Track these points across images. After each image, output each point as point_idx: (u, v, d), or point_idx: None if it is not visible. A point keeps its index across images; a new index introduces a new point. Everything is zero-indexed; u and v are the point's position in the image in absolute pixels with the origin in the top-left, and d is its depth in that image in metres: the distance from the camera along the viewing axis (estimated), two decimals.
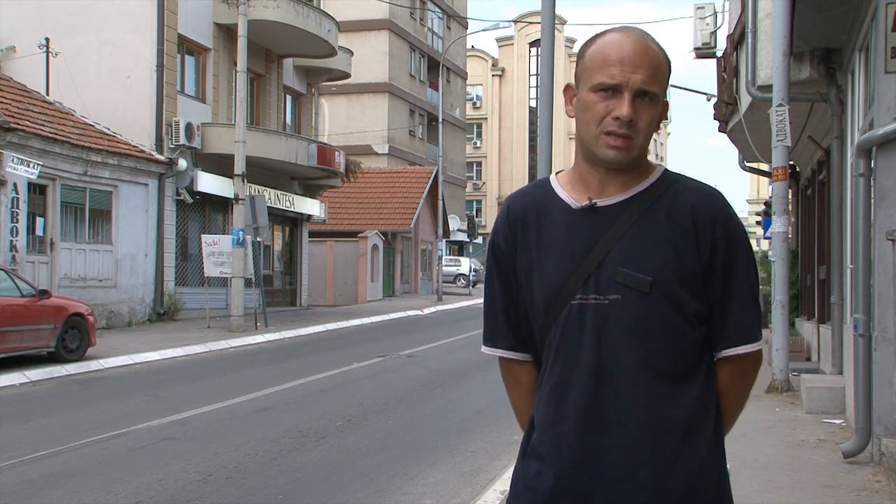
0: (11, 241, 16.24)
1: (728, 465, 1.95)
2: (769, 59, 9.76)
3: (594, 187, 1.92)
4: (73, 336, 13.28)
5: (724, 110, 12.99)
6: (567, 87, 1.95)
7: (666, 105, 1.92)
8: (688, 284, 1.86)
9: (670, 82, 1.95)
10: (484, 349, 2.09)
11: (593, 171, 1.91)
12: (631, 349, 1.84)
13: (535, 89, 66.29)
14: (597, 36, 1.91)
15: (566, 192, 1.95)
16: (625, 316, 1.84)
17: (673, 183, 1.93)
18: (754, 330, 1.93)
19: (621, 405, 1.84)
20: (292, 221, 28.27)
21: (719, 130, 14.11)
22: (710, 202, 1.90)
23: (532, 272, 1.93)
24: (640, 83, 1.82)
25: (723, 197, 1.94)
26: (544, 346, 1.94)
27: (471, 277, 44.96)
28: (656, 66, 1.86)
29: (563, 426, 1.87)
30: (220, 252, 19.27)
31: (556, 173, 2.03)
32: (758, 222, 30.74)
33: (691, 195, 1.90)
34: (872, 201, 6.79)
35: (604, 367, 1.85)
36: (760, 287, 3.62)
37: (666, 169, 1.97)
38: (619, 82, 1.82)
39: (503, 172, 70.84)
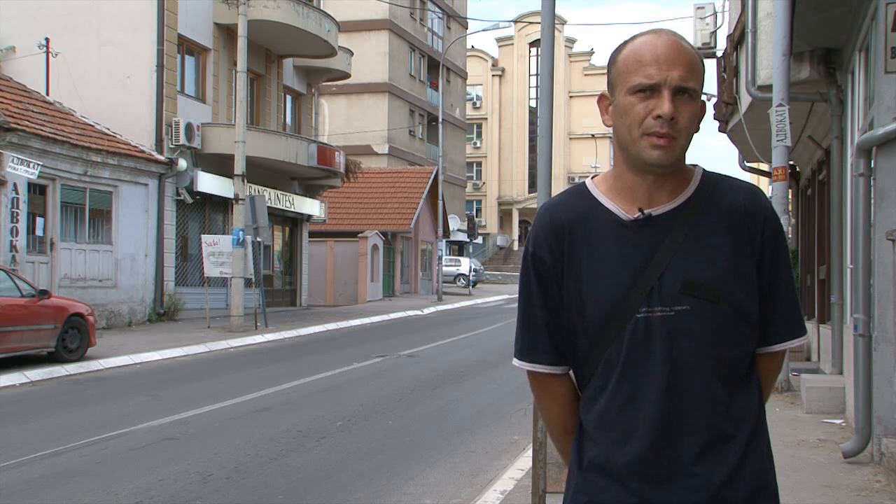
0: (11, 242, 16.24)
1: None
2: (769, 59, 9.76)
3: (642, 197, 1.88)
4: (73, 336, 13.28)
5: (724, 110, 12.99)
6: (601, 97, 1.93)
7: (703, 105, 1.89)
8: (747, 287, 1.87)
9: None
10: (517, 363, 2.02)
11: (641, 179, 1.87)
12: (702, 359, 1.83)
13: (535, 89, 66.32)
14: (626, 41, 1.89)
15: (612, 201, 1.90)
16: (694, 327, 1.82)
17: (716, 184, 1.92)
18: (801, 323, 1.97)
19: (693, 415, 1.83)
20: (292, 221, 28.27)
21: (719, 130, 14.11)
22: (757, 200, 1.91)
23: (584, 287, 1.88)
24: (679, 80, 1.80)
25: (764, 194, 1.96)
26: (598, 361, 1.88)
27: (471, 277, 44.97)
28: (692, 62, 1.84)
29: (637, 444, 1.84)
30: (220, 252, 19.27)
31: (593, 178, 1.98)
32: None
33: (739, 195, 1.90)
34: (872, 201, 6.79)
35: (676, 380, 1.83)
36: None
37: (704, 170, 1.95)
38: (656, 81, 1.80)
39: (503, 172, 70.86)
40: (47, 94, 20.35)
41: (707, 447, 1.83)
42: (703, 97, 1.89)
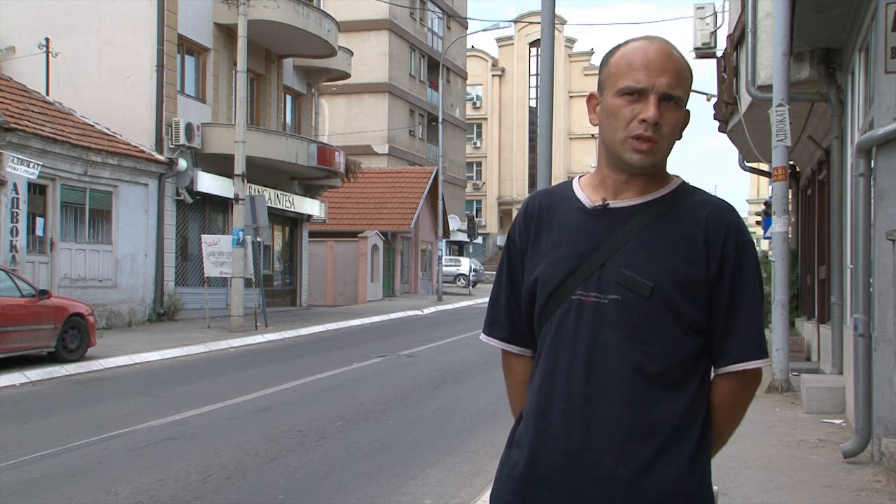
0: (11, 242, 16.24)
1: (727, 466, 1.96)
2: (769, 59, 9.76)
3: (611, 190, 1.96)
4: (73, 336, 13.28)
5: (724, 110, 12.99)
6: (590, 97, 2.00)
7: (687, 114, 1.95)
8: (691, 294, 1.88)
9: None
10: (482, 337, 2.15)
11: (614, 175, 1.95)
12: (623, 350, 1.87)
13: (535, 89, 66.32)
14: (620, 45, 1.96)
15: (584, 192, 2.00)
16: (622, 317, 1.87)
17: (689, 195, 1.96)
18: (761, 346, 1.94)
19: (607, 404, 1.86)
20: (292, 221, 28.27)
21: (719, 130, 14.12)
22: (723, 215, 1.93)
23: (539, 266, 1.98)
24: (665, 87, 1.87)
25: (736, 212, 1.96)
26: (539, 338, 1.98)
27: (471, 277, 44.96)
28: (680, 71, 1.90)
29: (550, 417, 1.90)
30: (220, 252, 19.27)
31: (581, 176, 2.08)
32: (758, 222, 30.73)
33: (706, 207, 1.93)
34: (872, 201, 6.79)
35: (595, 364, 1.88)
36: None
37: (684, 181, 1.99)
38: (644, 86, 1.86)
39: (503, 172, 70.85)
40: (47, 94, 20.35)
41: (621, 439, 1.85)
42: (704, 97, 1.91)
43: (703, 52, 14.99)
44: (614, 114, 1.89)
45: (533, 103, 67.51)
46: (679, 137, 1.94)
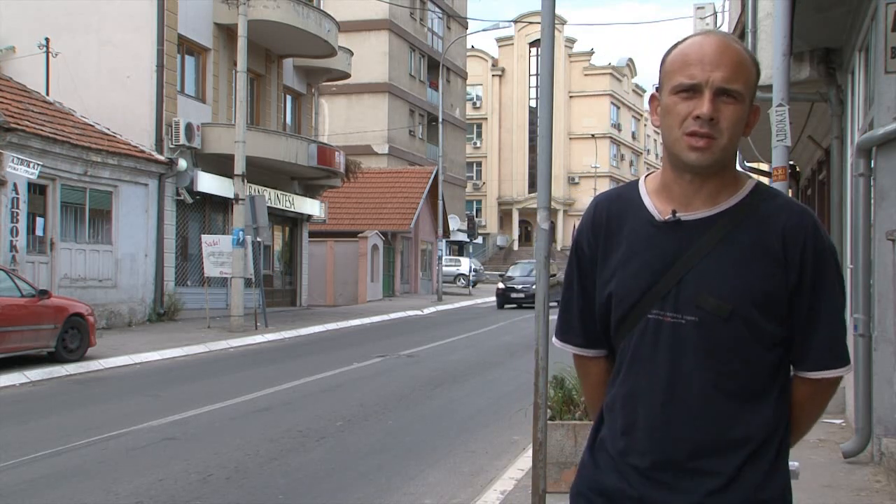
0: (11, 241, 16.24)
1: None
2: (769, 59, 9.74)
3: (679, 198, 1.89)
4: (73, 336, 13.28)
5: None
6: (652, 98, 1.96)
7: (756, 109, 1.88)
8: (771, 311, 1.84)
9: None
10: (555, 342, 2.14)
11: (679, 178, 1.89)
12: (705, 371, 1.84)
13: (535, 89, 66.32)
14: (678, 42, 1.91)
15: (652, 200, 1.93)
16: (701, 338, 1.84)
17: (764, 200, 1.89)
18: (840, 354, 1.90)
19: (689, 424, 1.85)
20: (292, 221, 28.26)
21: None
22: (801, 223, 1.86)
23: (611, 281, 1.94)
24: (721, 81, 1.80)
25: (814, 216, 1.90)
26: (618, 349, 1.96)
27: (471, 277, 44.95)
28: (738, 63, 1.83)
29: (635, 437, 1.90)
30: (220, 252, 19.26)
31: (646, 176, 2.01)
32: None
33: (783, 215, 1.86)
34: (872, 201, 6.79)
35: (676, 385, 1.85)
36: None
37: (758, 183, 1.93)
38: (698, 81, 1.81)
39: (503, 172, 70.84)
40: (47, 94, 20.35)
41: (702, 456, 1.84)
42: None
43: None
44: (670, 112, 1.84)
45: (533, 103, 67.48)
46: (746, 134, 1.87)
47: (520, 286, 30.27)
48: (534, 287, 27.31)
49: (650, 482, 1.87)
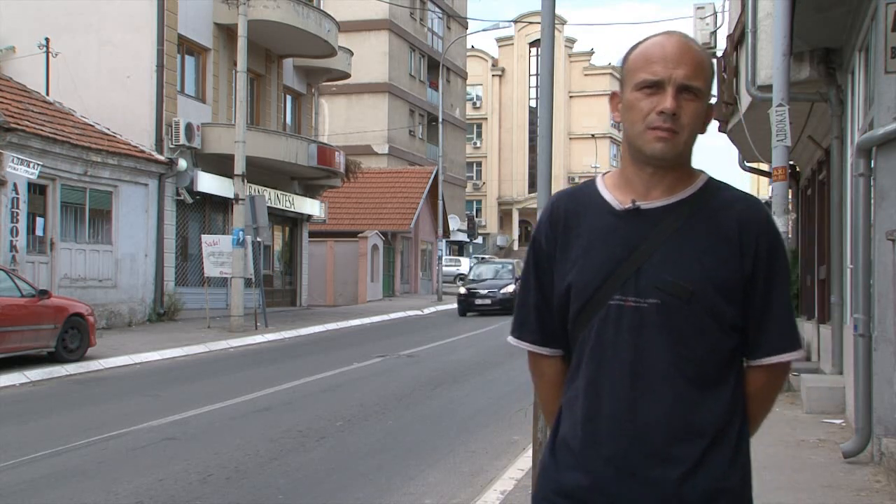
0: (11, 242, 16.24)
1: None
2: (769, 59, 9.75)
3: (639, 189, 1.94)
4: (73, 336, 13.28)
5: (724, 110, 12.98)
6: (612, 95, 2.01)
7: (711, 107, 1.95)
8: (729, 295, 1.89)
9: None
10: (510, 340, 2.14)
11: (640, 171, 1.94)
12: (666, 353, 1.87)
13: (535, 89, 66.29)
14: (639, 41, 1.98)
15: (611, 193, 1.98)
16: (663, 321, 1.88)
17: (718, 191, 1.96)
18: (794, 338, 1.97)
19: (653, 407, 1.87)
20: (292, 221, 28.26)
21: (719, 130, 14.10)
22: (755, 214, 1.94)
23: (571, 272, 1.96)
24: (683, 78, 1.87)
25: (765, 207, 1.99)
26: (576, 343, 1.97)
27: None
28: (698, 62, 1.90)
29: (598, 423, 1.91)
30: (220, 252, 19.27)
31: (604, 174, 2.05)
32: None
33: (738, 204, 1.94)
34: (872, 201, 6.79)
35: (639, 368, 1.88)
36: None
37: (710, 177, 2.00)
38: (661, 78, 1.87)
39: (503, 172, 70.84)
40: (47, 94, 20.35)
41: (668, 442, 1.86)
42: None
43: None
44: (633, 107, 1.90)
45: (533, 103, 67.48)
46: (702, 131, 1.94)
47: (485, 290, 26.17)
48: (503, 292, 25.73)
49: (615, 472, 1.88)
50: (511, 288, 25.40)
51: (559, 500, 1.94)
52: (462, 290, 26.71)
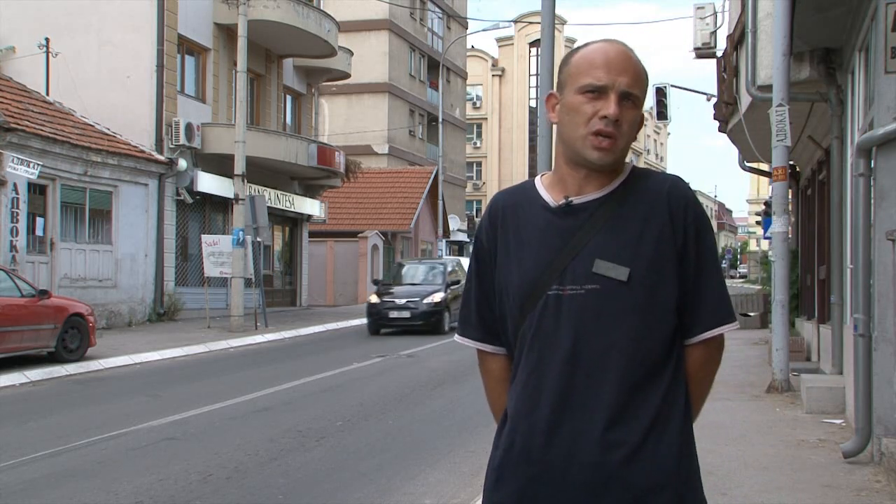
0: (11, 242, 16.24)
1: (728, 466, 1.98)
2: (769, 59, 9.76)
3: (573, 188, 1.99)
4: (73, 336, 13.28)
5: (724, 110, 12.99)
6: (550, 96, 2.04)
7: (643, 116, 2.01)
8: (666, 273, 1.93)
9: (669, 84, 2.02)
10: (456, 338, 2.20)
11: (574, 172, 1.99)
12: (606, 338, 1.90)
13: (535, 89, 66.27)
14: (580, 46, 2.03)
15: (547, 192, 2.03)
16: (602, 306, 1.91)
17: (643, 176, 2.01)
18: (730, 310, 2.01)
19: (594, 393, 1.90)
20: (292, 221, 28.27)
21: (719, 130, 14.12)
22: (681, 190, 1.99)
23: (510, 267, 2.00)
24: (626, 86, 1.92)
25: (688, 184, 2.04)
26: (518, 336, 2.00)
27: None
28: (638, 72, 1.96)
29: (539, 413, 1.93)
30: (220, 252, 19.27)
31: (542, 175, 2.10)
32: (758, 222, 30.70)
33: (664, 184, 1.99)
34: (872, 201, 6.79)
35: (579, 355, 1.91)
36: (761, 287, 3.63)
37: (635, 165, 2.05)
38: (605, 83, 1.91)
39: (503, 172, 70.81)
40: (47, 94, 20.35)
41: (610, 426, 1.88)
42: (704, 97, 1.94)
43: (703, 52, 14.99)
44: (575, 110, 1.94)
45: (533, 103, 67.48)
46: (635, 138, 2.00)
47: (403, 300, 19.67)
48: (427, 301, 19.72)
49: (561, 461, 1.89)
50: (440, 296, 19.79)
51: (509, 500, 1.98)
52: (373, 299, 20.00)
